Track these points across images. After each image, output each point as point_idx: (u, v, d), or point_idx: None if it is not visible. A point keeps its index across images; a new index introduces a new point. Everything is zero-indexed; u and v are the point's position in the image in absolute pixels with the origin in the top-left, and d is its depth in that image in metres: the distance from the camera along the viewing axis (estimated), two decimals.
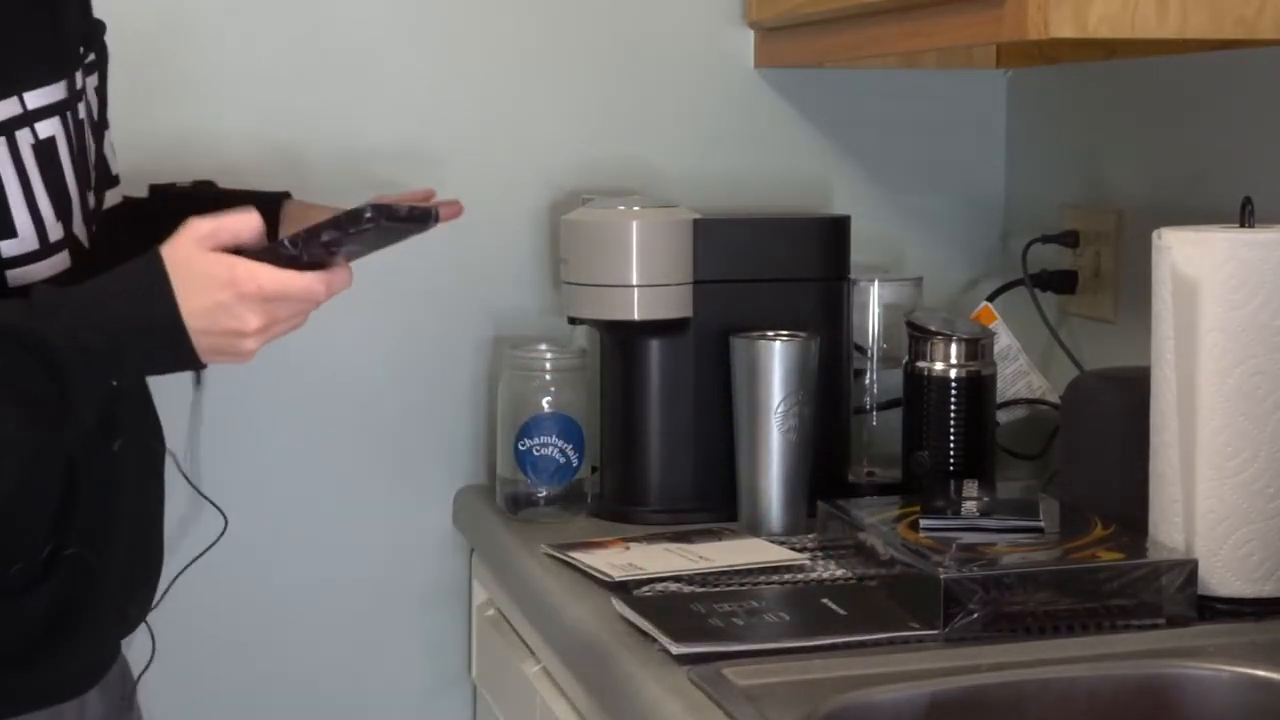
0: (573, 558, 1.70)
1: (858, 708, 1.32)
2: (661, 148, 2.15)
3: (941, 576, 1.46)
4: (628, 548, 1.73)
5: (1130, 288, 2.00)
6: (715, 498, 1.87)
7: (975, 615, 1.45)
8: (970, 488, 1.73)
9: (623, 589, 1.59)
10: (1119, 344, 2.00)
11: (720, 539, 1.77)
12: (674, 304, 1.87)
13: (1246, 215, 1.54)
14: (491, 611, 2.03)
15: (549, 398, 1.93)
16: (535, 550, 1.77)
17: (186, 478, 1.93)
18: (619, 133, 2.13)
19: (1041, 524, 1.59)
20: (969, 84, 2.25)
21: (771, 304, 1.89)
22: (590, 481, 1.96)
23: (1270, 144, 1.78)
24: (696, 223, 1.88)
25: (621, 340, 1.92)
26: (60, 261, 1.34)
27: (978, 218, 2.27)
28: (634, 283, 1.85)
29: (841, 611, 1.51)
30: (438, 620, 2.14)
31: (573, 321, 1.95)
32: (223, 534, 1.90)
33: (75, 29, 1.41)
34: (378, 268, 1.48)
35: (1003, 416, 2.01)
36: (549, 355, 1.95)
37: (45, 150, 1.32)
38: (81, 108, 1.38)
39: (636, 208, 1.88)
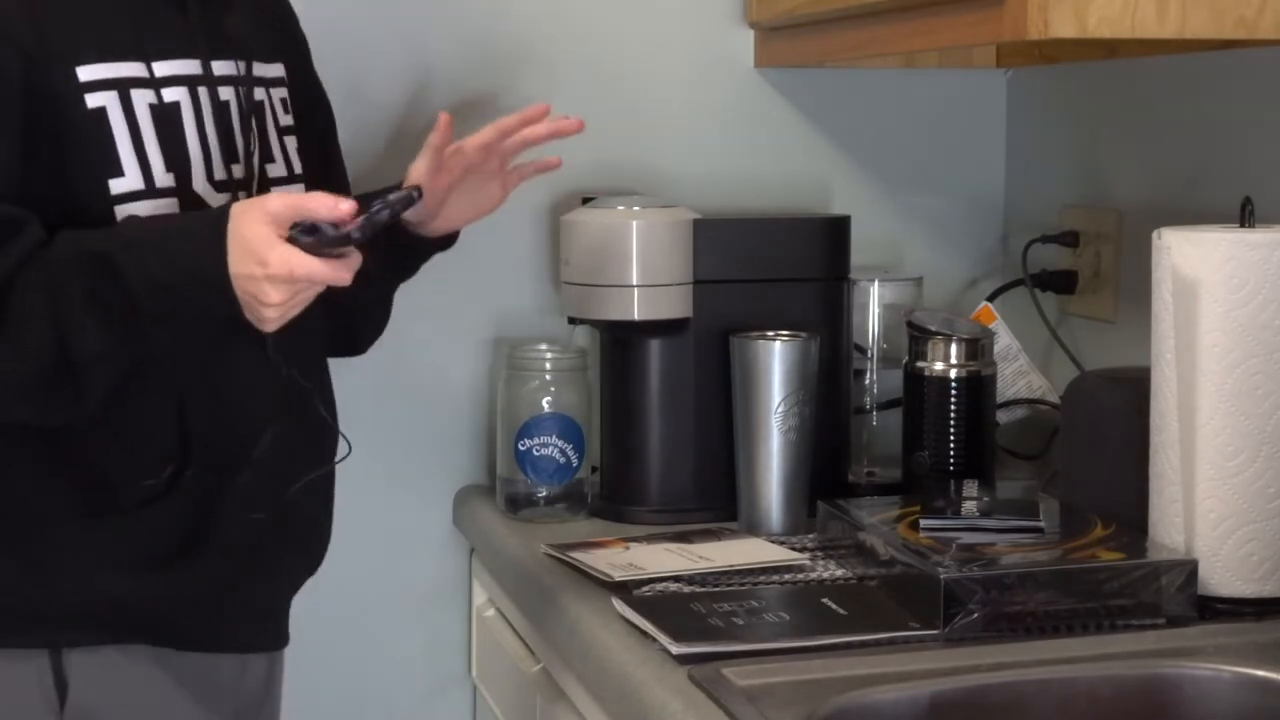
0: (573, 558, 1.70)
1: (858, 708, 1.32)
2: (661, 148, 2.14)
3: (941, 576, 1.46)
4: (628, 548, 1.73)
5: (1130, 288, 2.00)
6: (715, 498, 1.87)
7: (975, 615, 1.45)
8: (970, 488, 1.73)
9: (623, 589, 1.59)
10: (1119, 344, 2.00)
11: (720, 539, 1.77)
12: (674, 304, 1.87)
13: (1246, 215, 1.54)
14: (491, 611, 2.03)
15: (549, 398, 1.93)
16: (535, 550, 1.77)
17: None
18: (619, 133, 2.13)
19: (1041, 524, 1.59)
20: (969, 84, 2.25)
21: (771, 304, 1.89)
22: (590, 481, 1.96)
23: (1270, 144, 1.78)
24: (696, 223, 1.88)
25: (621, 340, 1.92)
26: (167, 205, 1.51)
27: (978, 218, 2.27)
28: (634, 283, 1.85)
29: (842, 611, 1.51)
30: (438, 620, 2.14)
31: (573, 321, 1.95)
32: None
33: (223, 29, 1.59)
34: None
35: (1003, 416, 2.01)
36: (549, 355, 1.95)
37: (165, 113, 1.52)
38: (226, 91, 1.57)
39: (636, 208, 1.89)
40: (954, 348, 1.87)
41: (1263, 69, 1.78)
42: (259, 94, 1.61)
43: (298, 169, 1.66)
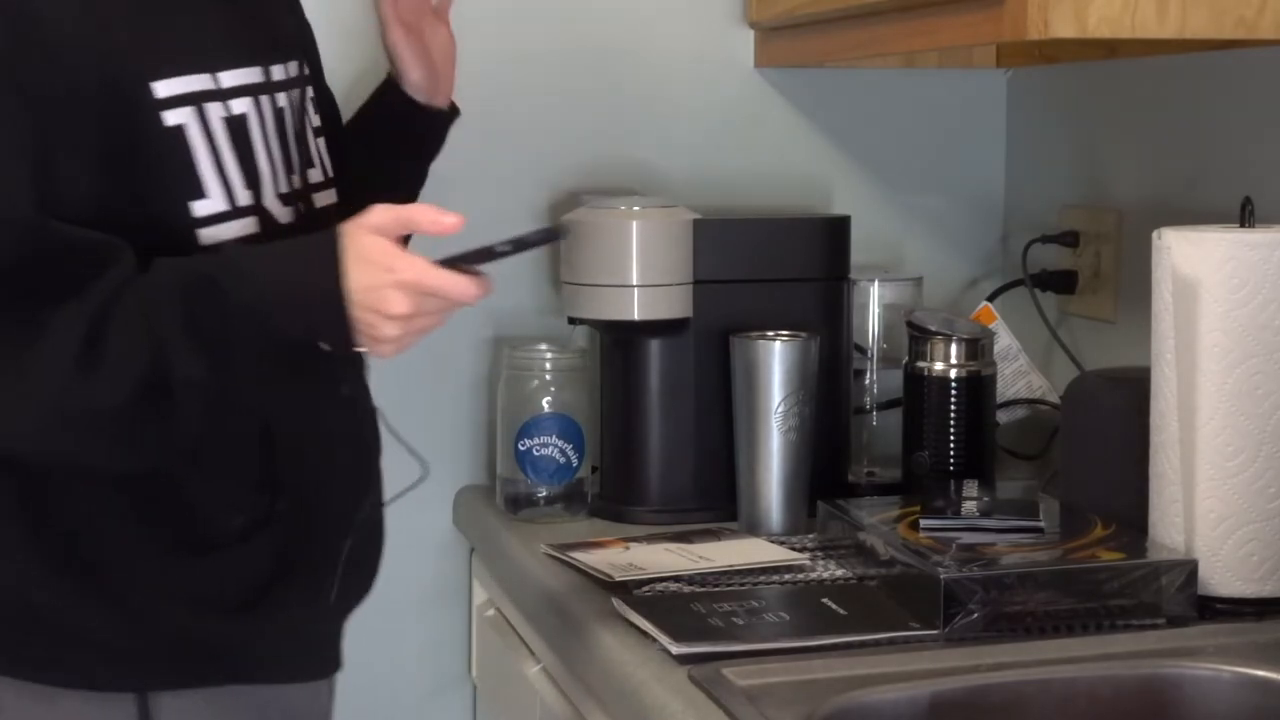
0: (573, 558, 1.70)
1: (858, 708, 1.32)
2: (661, 148, 2.15)
3: (941, 576, 1.46)
4: (628, 548, 1.73)
5: (1130, 288, 2.00)
6: (715, 498, 1.87)
7: (975, 615, 1.45)
8: (970, 488, 1.73)
9: (623, 589, 1.59)
10: (1119, 344, 2.00)
11: (720, 539, 1.77)
12: (674, 304, 1.87)
13: (1246, 215, 1.54)
14: (491, 611, 2.03)
15: (549, 398, 1.93)
16: (535, 550, 1.77)
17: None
18: (619, 133, 2.13)
19: (1041, 524, 1.59)
20: (969, 84, 2.25)
21: (771, 304, 1.89)
22: (590, 481, 1.96)
23: (1270, 144, 1.78)
24: (696, 223, 1.88)
25: (621, 340, 1.92)
26: (248, 225, 1.44)
27: (978, 218, 2.27)
28: (634, 283, 1.85)
29: (842, 611, 1.51)
30: (438, 620, 2.14)
31: (573, 321, 1.95)
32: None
33: (272, 28, 1.54)
34: None
35: (1003, 416, 2.01)
36: (549, 355, 1.95)
37: (236, 125, 1.44)
38: (282, 98, 1.50)
39: (636, 208, 1.89)
40: (954, 348, 1.87)
41: (1263, 69, 1.78)
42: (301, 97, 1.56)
43: (331, 171, 1.60)
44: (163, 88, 1.38)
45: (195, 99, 1.41)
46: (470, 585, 2.12)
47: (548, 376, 1.94)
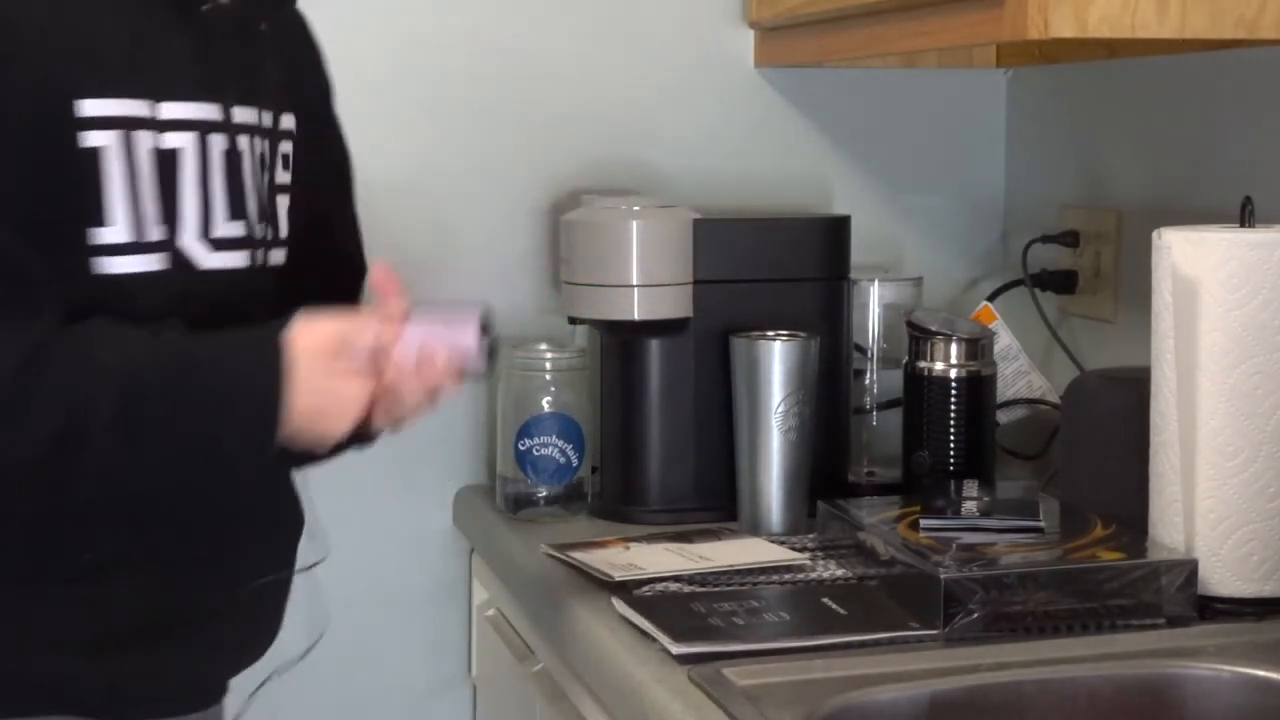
0: (573, 558, 1.70)
1: (858, 708, 1.32)
2: (661, 148, 2.14)
3: (942, 576, 1.46)
4: (628, 548, 1.73)
5: (1130, 288, 2.00)
6: (715, 498, 1.87)
7: (975, 615, 1.45)
8: (970, 488, 1.73)
9: (623, 589, 1.59)
10: (1119, 344, 2.00)
11: (720, 539, 1.77)
12: (674, 304, 1.87)
13: (1246, 215, 1.54)
14: (491, 611, 2.03)
15: (549, 398, 1.93)
16: (535, 550, 1.77)
17: None
18: (619, 133, 2.13)
19: (1041, 524, 1.59)
20: (969, 84, 2.25)
21: (771, 304, 1.89)
22: (590, 481, 1.96)
23: (1270, 144, 1.78)
24: (696, 223, 1.88)
25: (621, 340, 1.91)
26: (154, 262, 1.37)
27: (978, 218, 2.27)
28: (634, 283, 1.85)
29: (841, 611, 1.51)
30: (438, 620, 2.14)
31: (573, 321, 1.95)
32: None
33: (251, 71, 1.46)
34: None
35: (1003, 416, 2.00)
36: (549, 355, 1.95)
37: (165, 158, 1.37)
38: (244, 141, 1.43)
39: (636, 208, 1.89)
40: (954, 348, 1.87)
41: (1263, 69, 1.78)
42: (266, 146, 1.48)
43: (284, 231, 1.51)
44: (89, 107, 1.33)
45: (124, 124, 1.35)
46: (470, 585, 2.12)
47: (548, 376, 1.94)
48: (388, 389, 1.37)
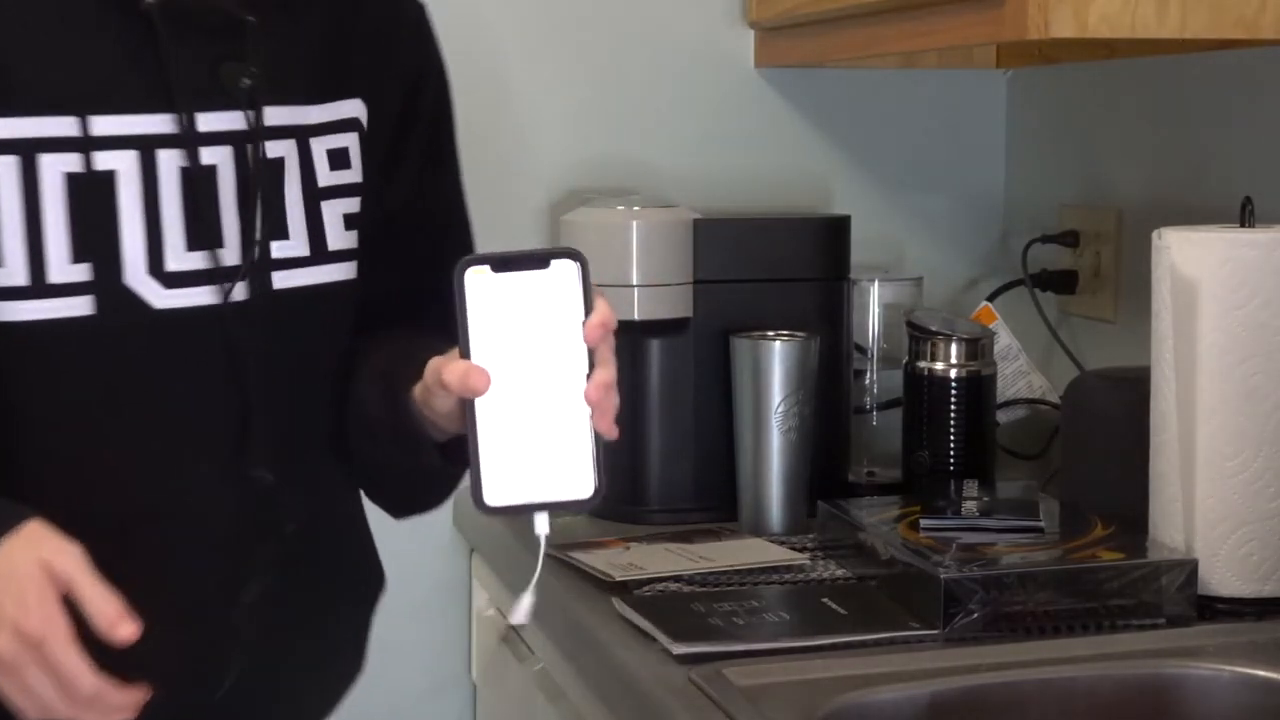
0: (573, 558, 1.70)
1: (858, 708, 1.32)
2: (661, 148, 2.15)
3: (942, 576, 1.46)
4: (628, 548, 1.73)
5: (1130, 288, 2.00)
6: (715, 498, 1.87)
7: (975, 615, 1.45)
8: (970, 488, 1.73)
9: (623, 589, 1.59)
10: (1119, 344, 2.00)
11: (720, 539, 1.77)
12: (674, 304, 1.87)
13: (1246, 215, 1.54)
14: (491, 611, 2.03)
15: None
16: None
17: None
18: (619, 133, 2.13)
19: (1041, 524, 1.59)
20: (969, 84, 2.25)
21: (771, 304, 1.88)
22: None
23: (1270, 144, 1.78)
24: (696, 223, 1.88)
25: (622, 340, 1.91)
26: (75, 306, 1.22)
27: (978, 218, 2.27)
28: (634, 283, 1.85)
29: (842, 611, 1.51)
30: (438, 620, 2.14)
31: None
32: None
33: (209, 73, 1.27)
34: None
35: (1003, 416, 2.01)
36: None
37: (86, 183, 1.21)
38: (219, 153, 1.26)
39: (636, 208, 1.88)
40: (954, 348, 1.87)
41: (1263, 69, 1.78)
42: (278, 149, 1.29)
43: (334, 243, 1.32)
44: None
45: (23, 147, 1.19)
46: (470, 585, 2.12)
47: None
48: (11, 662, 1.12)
